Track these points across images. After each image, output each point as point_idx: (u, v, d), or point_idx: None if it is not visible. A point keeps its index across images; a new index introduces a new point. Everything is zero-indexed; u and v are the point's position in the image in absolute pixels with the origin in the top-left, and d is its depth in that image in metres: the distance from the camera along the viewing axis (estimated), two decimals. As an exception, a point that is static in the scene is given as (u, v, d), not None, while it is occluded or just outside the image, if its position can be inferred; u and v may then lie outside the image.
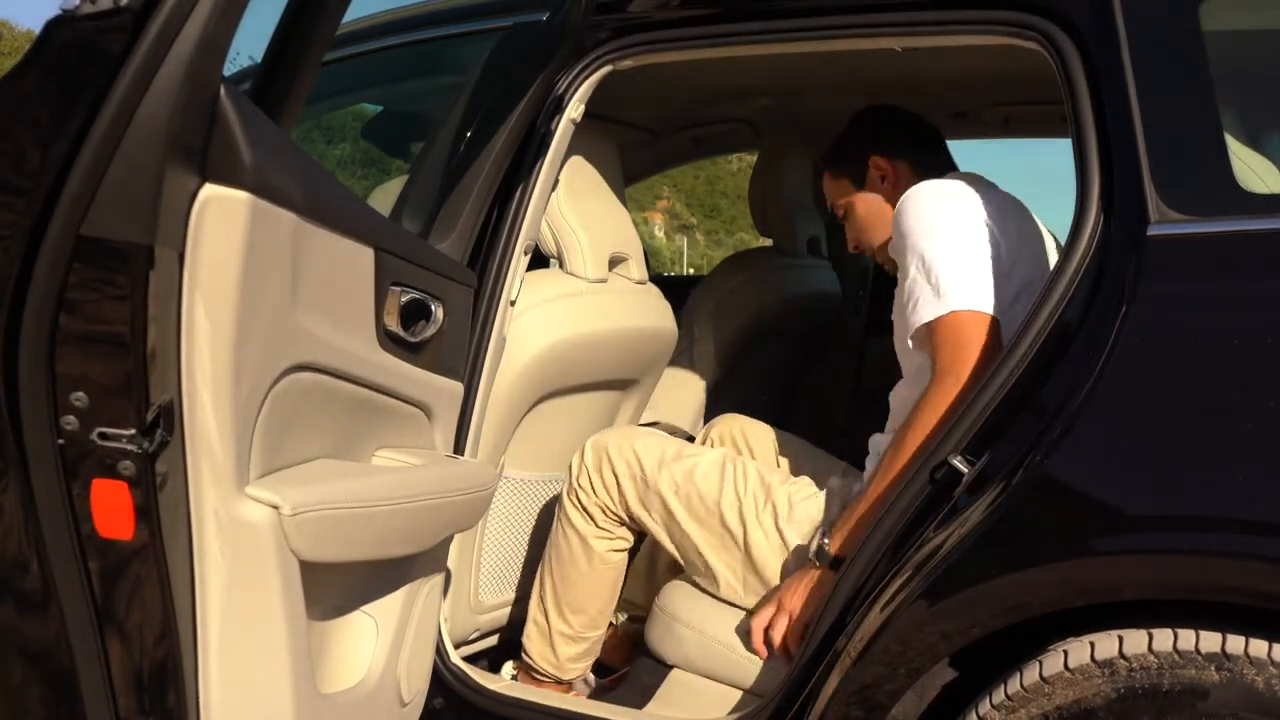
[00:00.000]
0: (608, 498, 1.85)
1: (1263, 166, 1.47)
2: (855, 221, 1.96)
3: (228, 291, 1.13)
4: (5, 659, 1.27)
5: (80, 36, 1.09)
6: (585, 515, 1.87)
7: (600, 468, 1.85)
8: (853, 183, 1.94)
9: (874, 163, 1.91)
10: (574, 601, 1.90)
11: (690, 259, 50.45)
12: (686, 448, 1.89)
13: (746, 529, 1.74)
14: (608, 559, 1.90)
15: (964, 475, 1.37)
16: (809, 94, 2.82)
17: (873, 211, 1.92)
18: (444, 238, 1.73)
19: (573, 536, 1.89)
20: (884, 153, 1.90)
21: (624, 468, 1.84)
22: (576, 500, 1.88)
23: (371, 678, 1.51)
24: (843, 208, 1.98)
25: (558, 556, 1.91)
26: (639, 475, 1.83)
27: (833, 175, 1.99)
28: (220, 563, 1.20)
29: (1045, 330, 1.36)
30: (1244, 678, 1.21)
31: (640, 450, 1.84)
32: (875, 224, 1.92)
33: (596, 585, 1.91)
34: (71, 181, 1.09)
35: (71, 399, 1.15)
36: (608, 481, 1.85)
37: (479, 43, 2.07)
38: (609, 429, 2.03)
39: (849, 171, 1.95)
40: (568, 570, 1.90)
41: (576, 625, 1.92)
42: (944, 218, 1.61)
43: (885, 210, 1.88)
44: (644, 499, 1.83)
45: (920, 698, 1.45)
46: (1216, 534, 1.24)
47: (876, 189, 1.92)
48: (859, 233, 1.97)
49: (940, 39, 1.62)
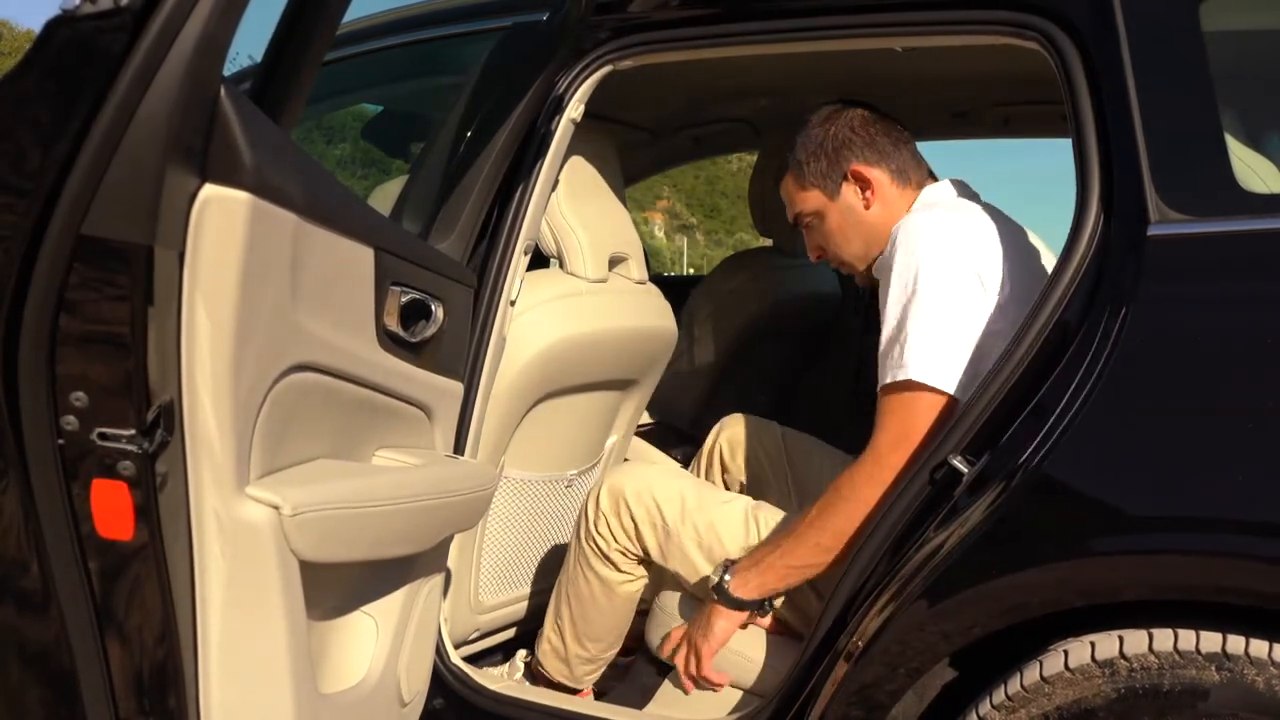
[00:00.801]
0: (628, 543, 1.81)
1: (1263, 166, 1.47)
2: (824, 232, 1.80)
3: (228, 291, 1.13)
4: (5, 659, 1.27)
5: (80, 36, 1.08)
6: (606, 561, 1.84)
7: (619, 513, 1.81)
8: (825, 194, 1.77)
9: (852, 173, 1.74)
10: (593, 633, 1.89)
11: (690, 259, 50.44)
12: (706, 493, 1.84)
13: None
14: (630, 597, 1.89)
15: (964, 475, 1.37)
16: (809, 94, 2.82)
17: (849, 224, 1.77)
18: (444, 238, 1.73)
19: (594, 580, 1.85)
20: (862, 160, 1.75)
21: (644, 515, 1.79)
22: (595, 545, 1.84)
23: (371, 678, 1.51)
24: (809, 217, 1.81)
25: (576, 594, 1.88)
26: (660, 524, 1.78)
27: (798, 183, 1.81)
28: (220, 563, 1.20)
29: (1045, 330, 1.36)
30: (1244, 678, 1.21)
31: (660, 498, 1.79)
32: (851, 237, 1.78)
33: (616, 618, 1.89)
34: (71, 181, 1.09)
35: (71, 399, 1.15)
36: (626, 528, 1.81)
37: (479, 43, 2.06)
38: (622, 468, 2.00)
39: (820, 181, 1.77)
40: (588, 609, 1.87)
41: (594, 650, 1.91)
42: (936, 275, 1.52)
43: (863, 222, 1.76)
44: (664, 549, 1.79)
45: (920, 698, 1.46)
46: (1216, 535, 1.24)
47: (853, 200, 1.76)
48: (828, 243, 1.81)
49: (940, 39, 1.61)
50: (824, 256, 1.85)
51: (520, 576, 2.15)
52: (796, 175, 1.81)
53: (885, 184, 1.75)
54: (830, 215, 1.79)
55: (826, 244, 1.82)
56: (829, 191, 1.77)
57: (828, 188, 1.77)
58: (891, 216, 1.72)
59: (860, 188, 1.75)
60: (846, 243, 1.79)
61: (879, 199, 1.75)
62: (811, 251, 1.87)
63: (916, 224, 1.59)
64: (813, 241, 1.85)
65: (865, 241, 1.77)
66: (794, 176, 1.82)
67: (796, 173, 1.81)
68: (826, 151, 1.77)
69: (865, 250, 1.78)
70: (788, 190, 1.84)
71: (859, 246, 1.78)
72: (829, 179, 1.77)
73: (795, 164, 1.81)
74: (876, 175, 1.75)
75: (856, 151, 1.75)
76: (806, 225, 1.84)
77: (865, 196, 1.75)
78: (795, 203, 1.83)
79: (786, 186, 1.84)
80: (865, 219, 1.76)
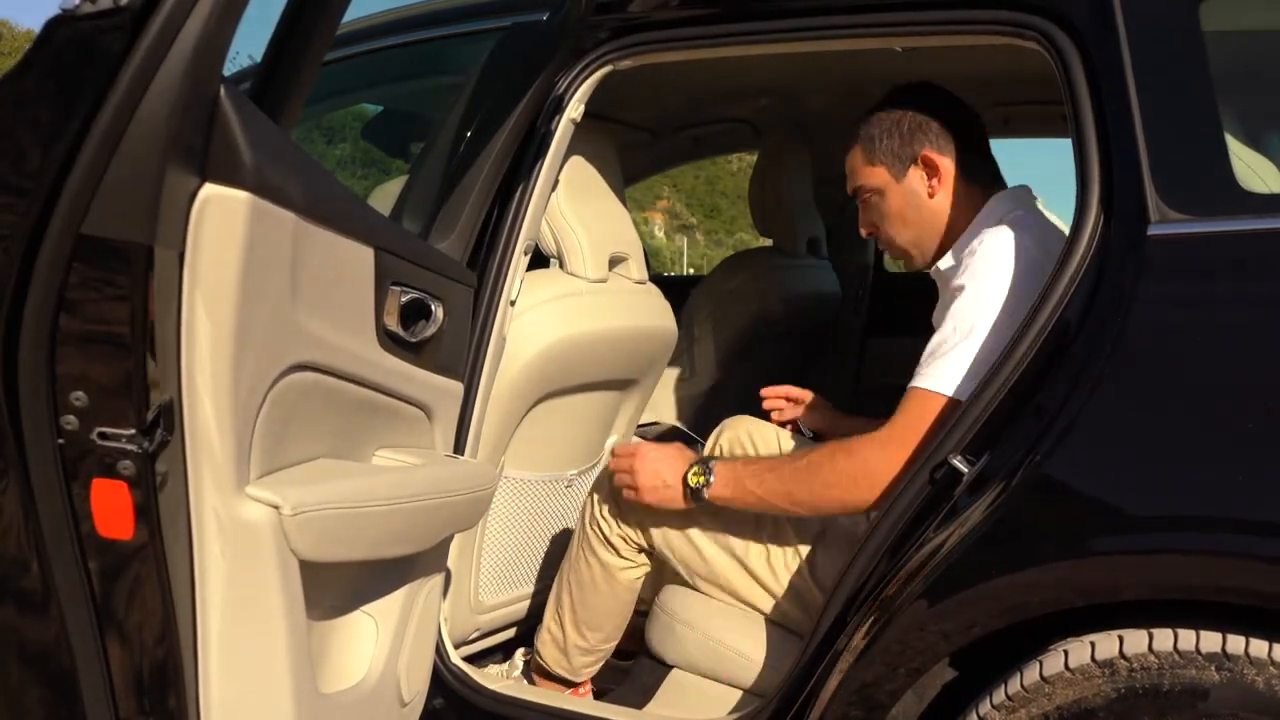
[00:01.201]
0: (630, 529, 1.82)
1: (1263, 166, 1.47)
2: (881, 212, 1.77)
3: (228, 291, 1.13)
4: (5, 659, 1.27)
5: (80, 36, 1.09)
6: (608, 546, 1.85)
7: (620, 501, 1.81)
8: (891, 173, 1.73)
9: (923, 158, 1.71)
10: (592, 621, 1.89)
11: (690, 259, 50.41)
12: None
13: (775, 573, 1.73)
14: (630, 585, 1.89)
15: (964, 475, 1.37)
16: (809, 94, 2.82)
17: (909, 208, 1.74)
18: (444, 238, 1.73)
19: (595, 564, 1.86)
20: (936, 149, 1.71)
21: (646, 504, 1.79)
22: (598, 530, 1.85)
23: (371, 678, 1.51)
24: (869, 193, 1.78)
25: (577, 580, 1.89)
26: (662, 513, 1.79)
27: (867, 159, 1.76)
28: (220, 562, 1.20)
29: (1045, 330, 1.36)
30: (1244, 678, 1.21)
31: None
32: (909, 222, 1.75)
33: (615, 605, 1.90)
34: (71, 181, 1.09)
35: (71, 399, 1.15)
36: (630, 513, 1.82)
37: (479, 43, 2.07)
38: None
39: (889, 161, 1.73)
40: (588, 595, 1.88)
41: (593, 640, 1.91)
42: (1002, 308, 1.50)
43: (924, 210, 1.73)
44: (667, 537, 1.79)
45: (920, 698, 1.46)
46: (1216, 535, 1.24)
47: (918, 185, 1.72)
48: (882, 223, 1.78)
49: (940, 39, 1.61)
50: (875, 235, 1.82)
51: (520, 576, 2.15)
52: (866, 149, 1.76)
53: (953, 176, 1.71)
54: (892, 196, 1.75)
55: (880, 224, 1.79)
56: (895, 172, 1.74)
57: (895, 168, 1.74)
58: (953, 210, 1.71)
59: (928, 174, 1.72)
60: (904, 227, 1.76)
61: (944, 189, 1.72)
62: (864, 227, 1.83)
63: (1005, 247, 1.55)
64: (867, 218, 1.81)
65: (921, 229, 1.74)
66: (863, 150, 1.77)
67: (866, 147, 1.76)
68: (901, 131, 1.73)
69: (918, 238, 1.75)
70: (854, 162, 1.80)
71: (914, 233, 1.75)
72: (898, 159, 1.73)
73: (866, 137, 1.76)
74: (947, 166, 1.71)
75: (931, 137, 1.72)
76: (864, 200, 1.80)
77: (931, 184, 1.72)
78: (858, 176, 1.79)
79: (854, 158, 1.79)
80: (926, 207, 1.73)
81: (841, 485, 1.55)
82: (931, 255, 1.75)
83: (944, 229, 1.72)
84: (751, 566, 1.74)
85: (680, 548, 1.79)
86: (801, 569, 1.72)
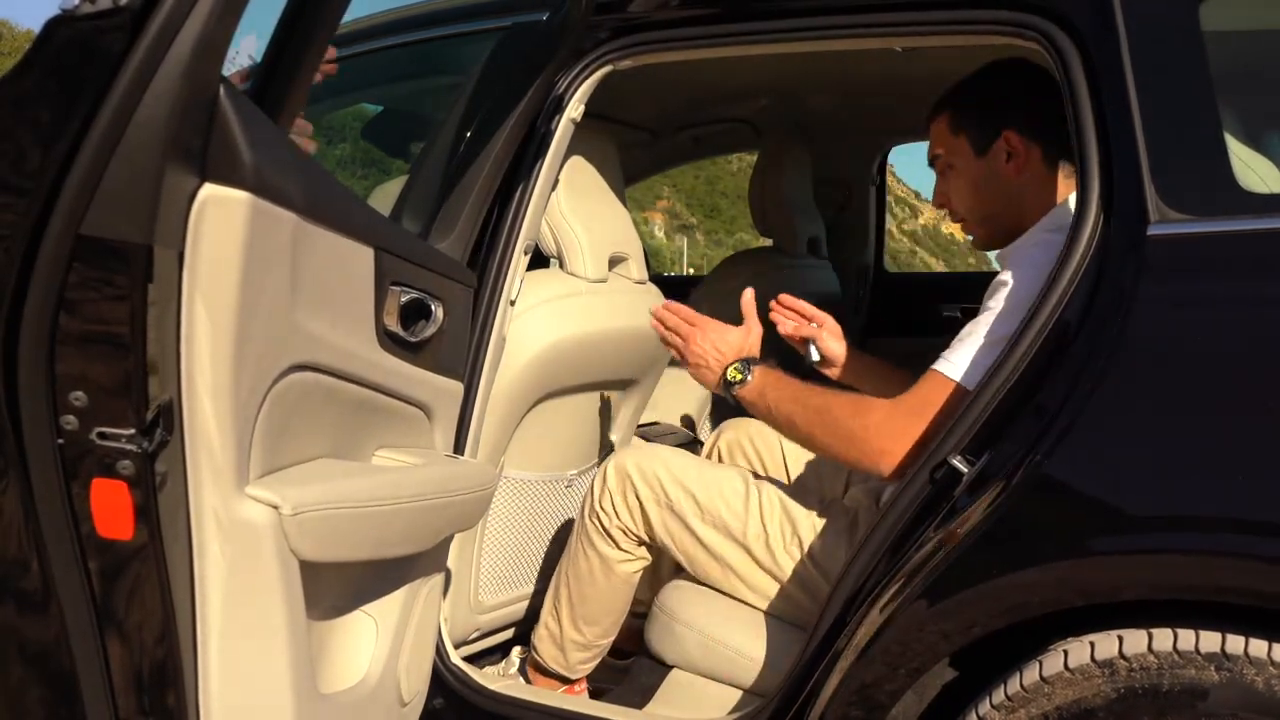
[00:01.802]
0: (630, 521, 1.83)
1: (1263, 166, 1.47)
2: (956, 185, 1.74)
3: (227, 291, 1.13)
4: (5, 659, 1.27)
5: (80, 36, 1.09)
6: (606, 538, 1.85)
7: (624, 491, 1.82)
8: (972, 146, 1.70)
9: (1007, 137, 1.67)
10: (589, 615, 1.90)
11: (690, 259, 50.45)
12: (708, 471, 1.85)
13: (775, 559, 1.74)
14: (628, 578, 1.89)
15: (964, 475, 1.37)
16: (809, 94, 2.83)
17: (984, 185, 1.70)
18: (444, 238, 1.73)
19: (593, 556, 1.86)
20: (1022, 131, 1.67)
21: (648, 493, 1.80)
22: (598, 522, 1.85)
23: (371, 678, 1.51)
24: (947, 164, 1.74)
25: (575, 573, 1.89)
26: (664, 502, 1.80)
27: (951, 127, 1.73)
28: (220, 562, 1.20)
29: (1045, 330, 1.36)
30: (1244, 678, 1.21)
31: (664, 476, 1.80)
32: (984, 199, 1.71)
33: (613, 600, 1.90)
34: (71, 181, 1.09)
35: (71, 399, 1.14)
36: (630, 505, 1.82)
37: (479, 43, 2.06)
38: (629, 448, 2.01)
39: (973, 133, 1.70)
40: (585, 588, 1.88)
41: (590, 635, 1.91)
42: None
43: (1001, 188, 1.69)
44: (668, 526, 1.80)
45: (920, 698, 1.45)
46: (1216, 535, 1.24)
47: (998, 164, 1.68)
48: (956, 196, 1.75)
49: (940, 39, 1.61)
50: (947, 207, 1.78)
51: (520, 576, 2.15)
52: (952, 119, 1.74)
53: (1036, 160, 1.68)
54: (970, 169, 1.72)
55: (955, 196, 1.75)
56: (978, 146, 1.70)
57: (978, 141, 1.70)
58: (1030, 197, 1.67)
59: (1010, 154, 1.68)
60: (979, 204, 1.73)
61: (1024, 173, 1.68)
62: (937, 197, 1.80)
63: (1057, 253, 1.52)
64: (941, 188, 1.78)
65: (995, 209, 1.71)
66: (949, 119, 1.74)
67: (952, 116, 1.74)
68: (990, 105, 1.70)
69: (988, 216, 1.72)
70: (937, 130, 1.77)
71: (987, 210, 1.72)
72: (983, 132, 1.70)
73: (953, 106, 1.74)
74: (1030, 149, 1.67)
75: (1018, 117, 1.68)
76: (942, 170, 1.77)
77: (1011, 165, 1.68)
78: (939, 144, 1.76)
79: (938, 126, 1.76)
80: (1004, 186, 1.69)
81: (841, 436, 1.59)
82: (999, 238, 1.72)
83: (1017, 214, 1.67)
84: (753, 550, 1.75)
85: (681, 536, 1.79)
86: (803, 553, 1.73)
